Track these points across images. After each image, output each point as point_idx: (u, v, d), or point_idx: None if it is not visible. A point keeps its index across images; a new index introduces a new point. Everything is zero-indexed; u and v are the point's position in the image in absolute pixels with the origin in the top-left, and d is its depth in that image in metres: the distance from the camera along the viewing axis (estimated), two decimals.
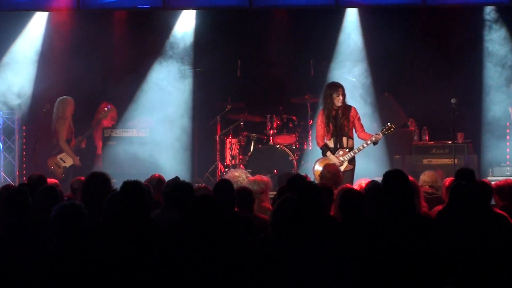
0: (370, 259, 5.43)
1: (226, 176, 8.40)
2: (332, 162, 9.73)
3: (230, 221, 6.07)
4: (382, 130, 10.09)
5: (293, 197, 5.69)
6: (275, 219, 5.44)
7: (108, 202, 5.77)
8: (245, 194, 6.85)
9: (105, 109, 12.55)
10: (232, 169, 9.78)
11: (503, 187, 7.21)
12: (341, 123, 10.07)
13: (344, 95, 10.09)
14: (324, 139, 10.17)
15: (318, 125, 10.20)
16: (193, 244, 5.34)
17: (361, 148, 10.03)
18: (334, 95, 10.04)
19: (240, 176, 8.13)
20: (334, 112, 10.11)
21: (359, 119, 10.17)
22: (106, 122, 12.71)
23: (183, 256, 5.30)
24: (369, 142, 9.96)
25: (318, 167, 10.04)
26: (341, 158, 10.04)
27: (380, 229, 5.60)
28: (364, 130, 10.14)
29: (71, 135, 12.23)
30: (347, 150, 10.10)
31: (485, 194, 6.59)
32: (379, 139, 10.01)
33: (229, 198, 6.49)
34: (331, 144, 10.16)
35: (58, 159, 12.07)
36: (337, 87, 10.14)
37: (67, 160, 12.05)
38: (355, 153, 10.06)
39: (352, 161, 10.10)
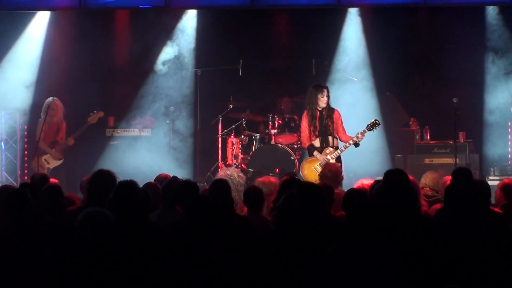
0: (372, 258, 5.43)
1: (218, 175, 8.42)
2: (326, 161, 9.98)
3: (227, 220, 6.05)
4: (367, 126, 10.28)
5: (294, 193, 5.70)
6: (279, 214, 5.43)
7: (108, 202, 5.76)
8: (254, 194, 6.78)
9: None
10: (224, 168, 9.81)
11: (509, 186, 7.21)
12: (326, 123, 10.36)
13: (328, 97, 10.38)
14: (309, 140, 10.49)
15: (303, 126, 10.59)
16: (191, 244, 5.33)
17: (346, 146, 10.29)
18: (319, 96, 10.41)
19: (231, 174, 8.11)
20: (318, 113, 10.44)
21: (342, 122, 10.49)
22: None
23: (182, 257, 5.29)
24: (351, 142, 10.22)
25: (307, 168, 10.43)
26: (328, 157, 10.26)
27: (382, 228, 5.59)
28: (346, 133, 10.43)
29: (54, 136, 12.19)
30: (333, 149, 10.34)
31: (483, 193, 6.59)
32: (360, 139, 10.21)
33: (225, 197, 6.46)
34: (317, 143, 10.49)
35: (43, 160, 12.06)
36: (322, 88, 10.51)
37: (51, 162, 12.05)
38: (342, 151, 10.33)
39: (338, 159, 10.32)
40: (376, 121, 10.41)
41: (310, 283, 5.00)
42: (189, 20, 13.54)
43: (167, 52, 13.46)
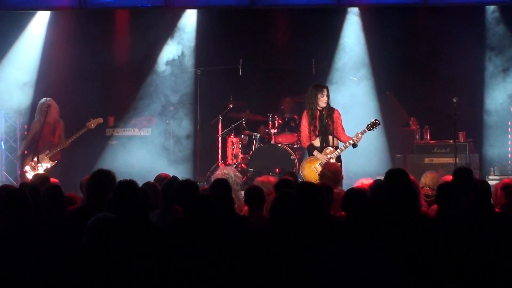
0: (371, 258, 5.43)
1: (215, 174, 8.43)
2: (326, 161, 9.99)
3: (227, 220, 6.05)
4: (367, 126, 10.27)
5: (291, 191, 5.71)
6: (274, 214, 5.44)
7: (108, 202, 5.75)
8: (255, 193, 6.79)
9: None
10: (221, 167, 9.83)
11: (510, 185, 7.22)
12: (326, 123, 10.37)
13: (328, 96, 10.39)
14: (309, 139, 10.50)
15: (303, 125, 10.61)
16: (191, 244, 5.33)
17: (346, 146, 10.31)
18: (319, 96, 10.43)
19: (228, 173, 8.13)
20: (318, 112, 10.45)
21: (341, 122, 10.51)
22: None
23: (182, 256, 5.29)
24: (351, 142, 10.24)
25: (307, 168, 10.44)
26: (328, 157, 10.29)
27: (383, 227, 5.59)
28: (345, 133, 10.45)
29: (49, 137, 12.20)
30: (333, 148, 10.36)
31: (484, 193, 6.58)
32: (358, 140, 10.22)
33: (226, 197, 6.46)
34: (317, 143, 10.51)
35: (35, 160, 12.08)
36: (322, 88, 10.53)
37: (43, 163, 12.06)
38: (341, 150, 10.36)
39: (338, 159, 10.33)
40: (376, 121, 10.43)
41: (309, 282, 5.00)
42: (189, 19, 13.53)
43: (167, 52, 13.46)
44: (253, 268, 5.37)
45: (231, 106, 12.71)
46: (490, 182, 9.89)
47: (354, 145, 10.31)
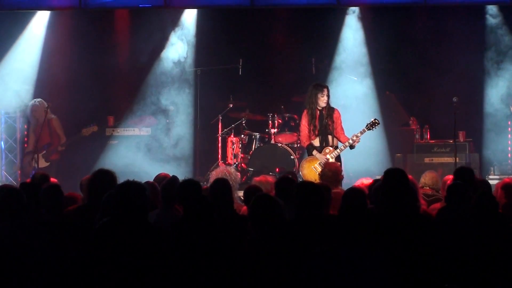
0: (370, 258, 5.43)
1: (212, 174, 8.44)
2: (328, 161, 10.00)
3: (226, 220, 6.05)
4: (367, 125, 10.28)
5: (267, 195, 5.74)
6: (251, 215, 5.48)
7: (105, 202, 5.73)
8: (254, 192, 6.78)
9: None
10: (220, 167, 9.85)
11: (510, 185, 7.22)
12: (325, 123, 10.38)
13: (328, 96, 10.40)
14: (308, 139, 10.51)
15: (303, 125, 10.62)
16: (191, 244, 5.34)
17: (346, 146, 10.32)
18: (319, 95, 10.44)
19: (226, 173, 8.14)
20: (318, 112, 10.45)
21: (341, 122, 10.51)
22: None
23: (181, 256, 5.29)
24: (350, 141, 10.25)
25: (306, 167, 10.46)
26: (327, 156, 10.27)
27: (380, 227, 5.60)
28: (344, 133, 10.46)
29: (46, 137, 12.25)
30: (333, 148, 10.38)
31: (489, 193, 6.58)
32: (357, 141, 10.23)
33: (226, 197, 6.45)
34: (316, 143, 10.52)
35: (34, 157, 12.13)
36: (322, 88, 10.54)
37: (40, 161, 12.09)
38: (341, 150, 10.37)
39: (338, 159, 10.34)
40: (376, 120, 10.44)
41: (308, 282, 5.01)
42: (189, 19, 13.54)
43: (167, 52, 13.46)
44: (252, 268, 5.37)
45: (231, 106, 12.72)
46: (490, 182, 9.88)
47: (352, 147, 10.33)
